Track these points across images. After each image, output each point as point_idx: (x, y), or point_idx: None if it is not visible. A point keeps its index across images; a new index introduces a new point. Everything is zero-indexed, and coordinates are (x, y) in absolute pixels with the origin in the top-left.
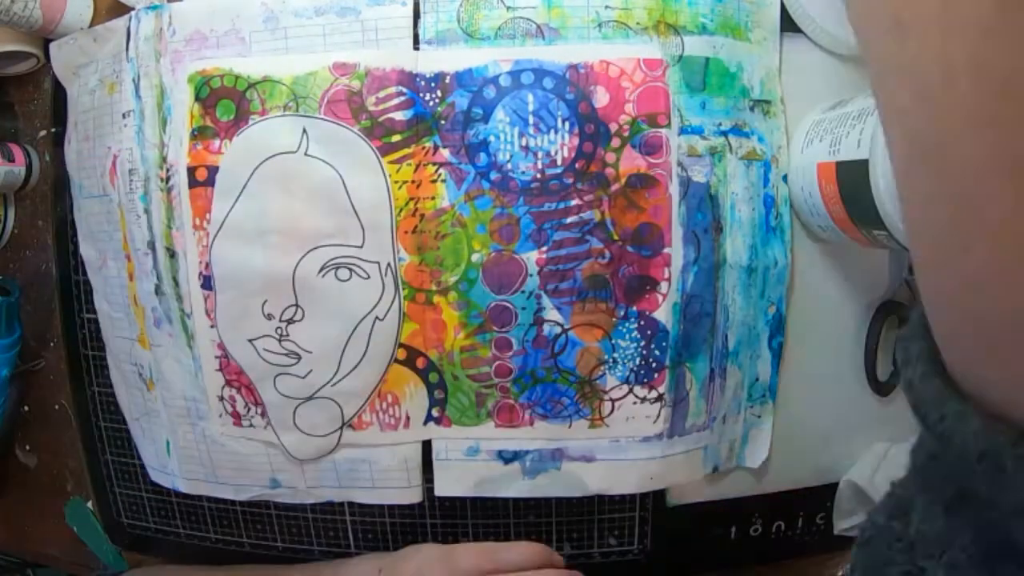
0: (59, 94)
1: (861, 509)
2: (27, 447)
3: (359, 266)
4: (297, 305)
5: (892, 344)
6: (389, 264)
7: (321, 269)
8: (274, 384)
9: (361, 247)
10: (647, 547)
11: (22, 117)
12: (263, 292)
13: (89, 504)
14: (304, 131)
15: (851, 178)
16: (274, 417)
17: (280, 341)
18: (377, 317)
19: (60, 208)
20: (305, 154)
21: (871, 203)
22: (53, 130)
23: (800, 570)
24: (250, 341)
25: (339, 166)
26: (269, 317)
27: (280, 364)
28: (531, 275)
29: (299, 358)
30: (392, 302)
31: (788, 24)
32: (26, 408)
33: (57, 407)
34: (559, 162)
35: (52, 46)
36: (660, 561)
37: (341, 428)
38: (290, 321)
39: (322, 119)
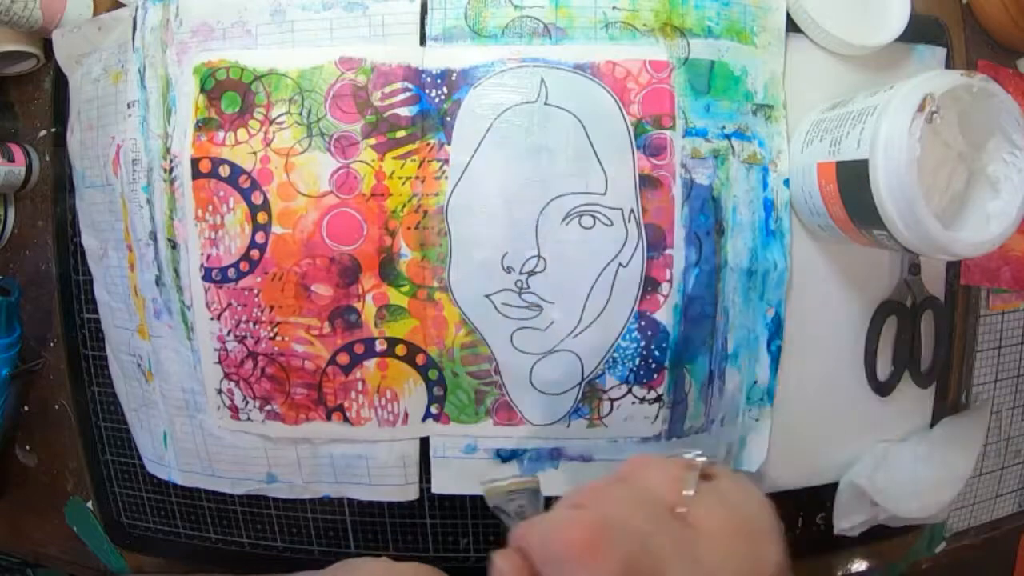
0: (59, 94)
1: (861, 509)
2: (27, 447)
3: (603, 213)
4: (539, 256)
5: (892, 344)
6: (632, 210)
7: (564, 217)
8: (511, 340)
9: (604, 194)
10: None
11: (22, 117)
12: (504, 244)
13: (89, 504)
14: (542, 81)
15: (851, 178)
16: (508, 377)
17: (520, 294)
18: (621, 264)
19: (60, 208)
20: (545, 103)
21: (871, 203)
22: (53, 130)
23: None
24: (487, 296)
25: (580, 114)
26: (509, 270)
27: (519, 317)
28: None
29: (540, 310)
30: (636, 248)
31: (789, 24)
32: (26, 408)
33: (57, 407)
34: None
35: (55, 34)
36: None
37: (580, 385)
38: (531, 273)
39: (560, 68)
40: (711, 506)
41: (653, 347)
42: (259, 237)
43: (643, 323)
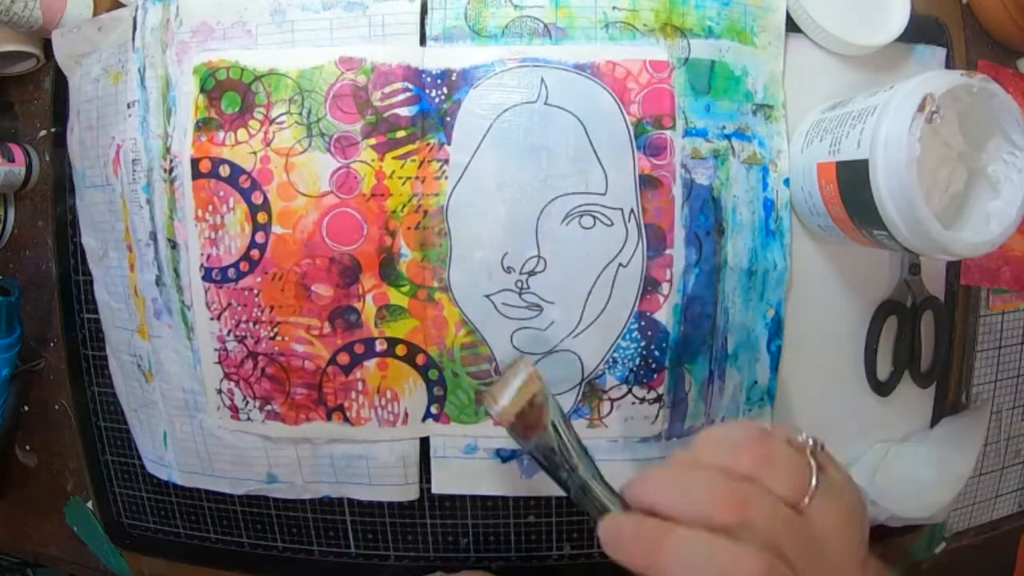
0: (59, 94)
1: None
2: (27, 447)
3: (603, 213)
4: (539, 256)
5: (892, 344)
6: (632, 210)
7: (565, 218)
8: (511, 340)
9: (604, 194)
10: None
11: (22, 117)
12: (504, 244)
13: (89, 504)
14: (542, 81)
15: (851, 178)
16: None
17: (520, 294)
18: (621, 264)
19: (60, 208)
20: (545, 103)
21: (871, 203)
22: (53, 130)
23: None
24: (487, 297)
25: (580, 114)
26: (509, 270)
27: (520, 318)
28: None
29: (540, 310)
30: (636, 248)
31: (789, 24)
32: (26, 408)
33: (57, 407)
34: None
35: (55, 34)
36: None
37: (580, 385)
38: (531, 273)
39: (561, 68)
40: (827, 498)
41: (653, 347)
42: (259, 237)
43: (643, 323)
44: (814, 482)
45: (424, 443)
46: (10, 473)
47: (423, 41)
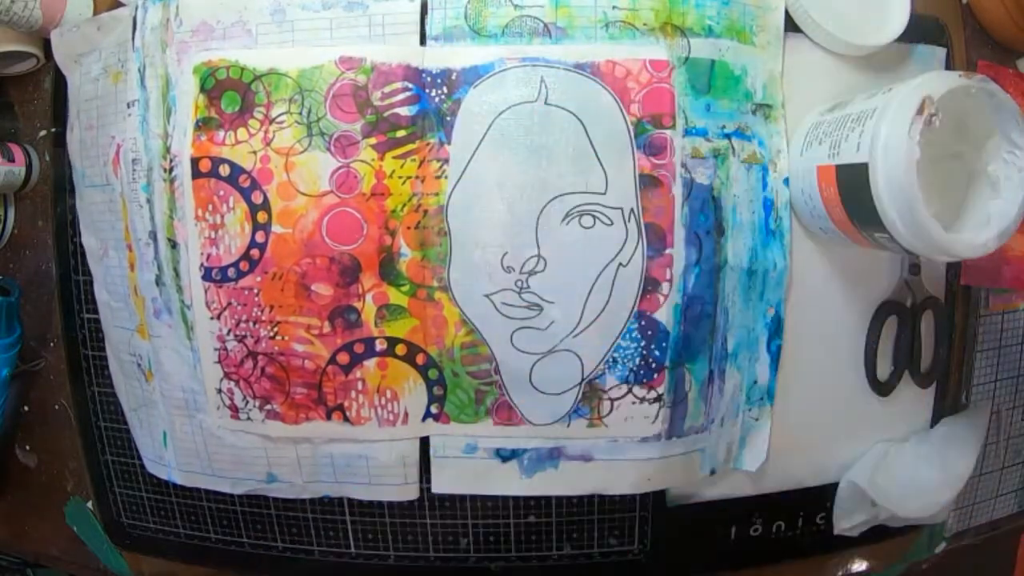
0: (59, 94)
1: (861, 509)
2: (27, 447)
3: (603, 213)
4: (539, 255)
5: (892, 344)
6: (632, 210)
7: (564, 217)
8: (511, 340)
9: (604, 193)
10: (647, 547)
11: (22, 117)
12: (503, 244)
13: (89, 504)
14: (542, 80)
15: (851, 181)
16: (508, 377)
17: (520, 293)
18: (621, 263)
19: (60, 208)
20: (545, 103)
21: (871, 206)
22: (53, 130)
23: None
24: (487, 296)
25: (580, 113)
26: (509, 270)
27: (519, 317)
28: None
29: (540, 309)
30: (636, 248)
31: (789, 24)
32: (26, 408)
33: (57, 407)
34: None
35: (54, 33)
36: (660, 561)
37: (580, 385)
38: (531, 272)
39: (561, 67)
40: None
41: (653, 347)
42: (259, 236)
43: (643, 323)
44: None
45: (424, 443)
46: (10, 473)
47: (423, 41)
